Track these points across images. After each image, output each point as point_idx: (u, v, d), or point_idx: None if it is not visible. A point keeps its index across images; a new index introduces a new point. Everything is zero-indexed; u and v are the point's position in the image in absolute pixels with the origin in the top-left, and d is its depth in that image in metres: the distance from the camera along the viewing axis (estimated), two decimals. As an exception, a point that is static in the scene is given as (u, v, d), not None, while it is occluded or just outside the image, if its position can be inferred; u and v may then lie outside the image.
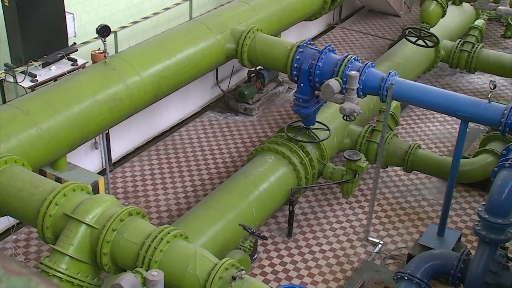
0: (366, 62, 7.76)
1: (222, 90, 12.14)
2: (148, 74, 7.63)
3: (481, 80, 12.95)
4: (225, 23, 8.72)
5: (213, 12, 9.25)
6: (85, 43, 8.37)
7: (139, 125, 10.14)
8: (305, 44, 8.06)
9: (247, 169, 8.28)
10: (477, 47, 11.93)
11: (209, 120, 11.54)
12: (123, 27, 8.86)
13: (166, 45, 8.13)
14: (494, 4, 9.69)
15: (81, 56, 8.19)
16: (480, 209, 6.14)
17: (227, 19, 8.84)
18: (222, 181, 9.31)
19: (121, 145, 10.01)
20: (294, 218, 8.68)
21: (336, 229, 8.86)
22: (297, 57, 7.96)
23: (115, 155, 10.01)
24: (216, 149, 10.71)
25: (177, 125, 11.25)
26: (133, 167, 10.06)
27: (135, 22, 9.11)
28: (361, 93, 7.65)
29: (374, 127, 9.23)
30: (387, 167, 9.59)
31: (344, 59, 7.70)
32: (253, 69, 11.73)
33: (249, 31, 8.55)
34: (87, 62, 8.14)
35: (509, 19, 10.62)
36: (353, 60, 7.72)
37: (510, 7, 9.65)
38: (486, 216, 6.03)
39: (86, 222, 5.19)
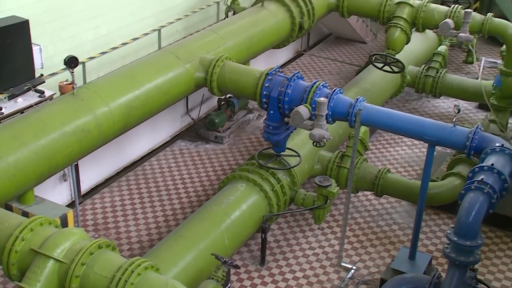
0: (335, 89, 7.87)
1: (192, 119, 12.14)
2: (117, 105, 7.58)
3: (446, 104, 13.24)
4: (194, 52, 8.76)
5: (181, 42, 9.30)
6: (52, 74, 8.31)
7: (109, 156, 10.04)
8: (273, 72, 8.14)
9: (218, 198, 8.25)
10: (441, 72, 12.23)
11: (179, 149, 11.50)
12: (91, 58, 8.83)
13: (135, 75, 8.12)
14: (455, 31, 9.95)
15: (49, 88, 8.12)
16: (449, 231, 6.21)
17: (196, 48, 8.89)
18: (194, 210, 9.24)
19: (90, 176, 9.88)
20: (267, 245, 8.65)
21: (309, 255, 8.85)
22: (266, 85, 8.03)
23: (85, 187, 9.87)
24: (187, 178, 10.65)
25: (147, 154, 11.18)
26: (103, 199, 9.92)
27: (103, 53, 9.09)
28: (330, 119, 7.74)
29: (344, 152, 9.32)
30: (358, 192, 9.67)
31: (313, 86, 7.80)
32: (223, 97, 11.78)
33: (218, 59, 8.61)
34: (55, 93, 8.06)
35: (469, 46, 10.93)
36: (322, 87, 7.82)
37: (470, 34, 9.93)
38: (455, 238, 6.10)
39: (54, 257, 5.08)
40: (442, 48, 12.87)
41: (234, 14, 11.02)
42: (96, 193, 10.03)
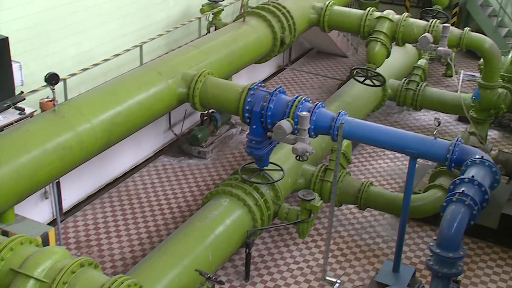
0: (316, 103, 7.91)
1: (175, 134, 12.12)
2: (99, 121, 7.54)
3: (427, 117, 13.39)
4: (176, 68, 8.77)
5: (163, 57, 9.30)
6: (33, 91, 8.24)
7: (91, 172, 9.96)
8: (256, 87, 8.17)
9: (202, 213, 8.22)
10: (421, 86, 12.38)
11: (162, 165, 11.45)
12: (72, 75, 8.79)
13: (117, 91, 8.09)
14: (434, 45, 10.09)
15: (29, 105, 8.06)
16: (431, 244, 6.25)
17: (177, 63, 8.90)
18: (177, 226, 9.19)
19: (72, 193, 9.79)
20: (251, 260, 8.62)
21: (294, 269, 8.83)
22: (249, 100, 8.05)
23: (66, 204, 9.77)
24: (170, 193, 10.60)
25: (130, 170, 11.11)
26: (86, 216, 9.83)
27: (85, 69, 9.05)
28: (313, 133, 7.77)
29: (327, 166, 9.36)
30: (341, 205, 9.70)
31: (295, 100, 7.84)
32: (205, 112, 11.79)
33: (200, 75, 8.63)
34: (35, 110, 8.00)
35: (448, 59, 11.08)
36: (304, 101, 7.86)
37: (448, 48, 10.07)
38: (438, 250, 6.14)
39: (35, 277, 5.00)
40: (422, 62, 13.05)
41: (215, 29, 11.08)
42: (78, 211, 9.94)
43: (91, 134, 7.41)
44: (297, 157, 7.72)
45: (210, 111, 11.93)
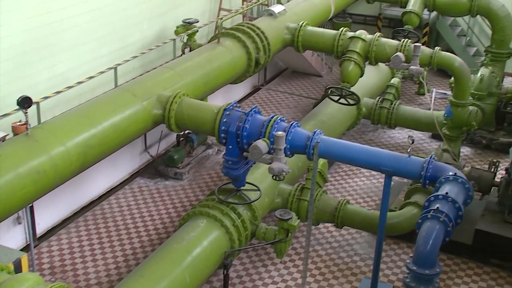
0: (292, 122, 7.96)
1: (151, 156, 12.05)
2: (73, 144, 7.46)
3: (401, 134, 13.56)
4: (150, 89, 8.75)
5: (138, 79, 9.28)
6: (5, 115, 8.14)
7: (65, 196, 9.83)
8: (231, 107, 8.19)
9: (179, 235, 8.15)
10: (395, 104, 12.56)
11: (139, 187, 11.36)
12: (45, 98, 8.71)
13: (91, 113, 8.03)
14: (406, 64, 10.26)
15: (1, 129, 7.95)
16: (408, 261, 6.29)
17: (152, 85, 8.89)
18: (155, 249, 9.09)
19: (46, 218, 9.64)
20: (229, 282, 8.55)
21: (272, 290, 8.80)
22: (224, 120, 8.07)
23: (40, 229, 9.61)
24: (147, 216, 10.51)
25: (106, 193, 11.00)
26: (60, 240, 9.67)
27: (58, 92, 8.98)
28: (289, 153, 7.80)
29: (304, 185, 9.39)
30: (318, 224, 9.72)
31: (270, 120, 7.87)
32: (181, 133, 11.77)
33: (175, 96, 8.62)
34: (8, 134, 7.89)
35: (420, 78, 11.27)
36: (279, 121, 7.90)
37: (420, 66, 10.25)
38: (414, 267, 6.17)
39: (7, 304, 4.90)
40: (395, 81, 13.26)
41: (190, 50, 11.11)
42: (53, 235, 9.78)
43: (65, 157, 7.33)
44: (274, 177, 7.73)
45: (186, 132, 11.92)
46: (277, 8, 11.87)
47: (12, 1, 8.59)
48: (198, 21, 11.65)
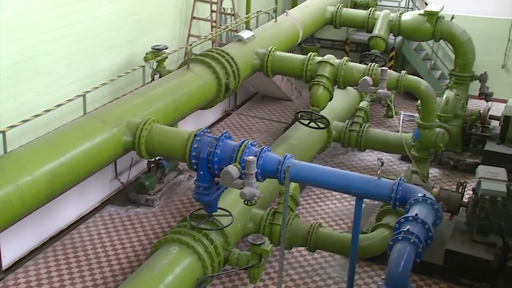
0: (263, 147, 7.99)
1: (121, 183, 11.93)
2: (41, 173, 7.34)
3: (371, 157, 13.72)
4: (120, 116, 8.71)
5: (107, 106, 9.23)
6: (-29, 145, 7.99)
7: (33, 226, 9.63)
8: (202, 133, 8.19)
9: (151, 263, 8.03)
10: (364, 127, 12.74)
11: (109, 215, 11.21)
12: (12, 126, 8.57)
13: (59, 141, 7.93)
14: (374, 87, 10.44)
15: (-34, 158, 7.77)
16: (380, 283, 6.32)
17: (122, 112, 8.85)
18: (126, 278, 8.94)
19: (13, 249, 9.41)
20: (203, 309, 8.44)
21: (246, 316, 8.71)
22: (195, 146, 8.06)
23: (7, 261, 9.36)
24: (118, 244, 10.35)
25: (75, 222, 10.82)
26: (28, 273, 9.43)
27: (25, 121, 8.85)
28: (260, 177, 7.82)
29: (276, 209, 9.39)
30: (291, 248, 9.70)
31: (241, 145, 7.89)
32: (152, 159, 11.69)
33: (145, 122, 8.59)
34: (-27, 164, 7.71)
35: (388, 101, 11.48)
36: (250, 145, 7.93)
37: (387, 90, 10.44)
38: (387, 289, 6.21)
39: None
40: (364, 104, 13.47)
41: (160, 77, 11.11)
42: (20, 267, 9.53)
43: (32, 186, 7.20)
44: (246, 202, 7.72)
45: (157, 158, 11.84)
46: (246, 34, 12.00)
47: (-23, 30, 8.50)
48: (167, 48, 11.68)
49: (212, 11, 13.71)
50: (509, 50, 16.64)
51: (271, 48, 11.71)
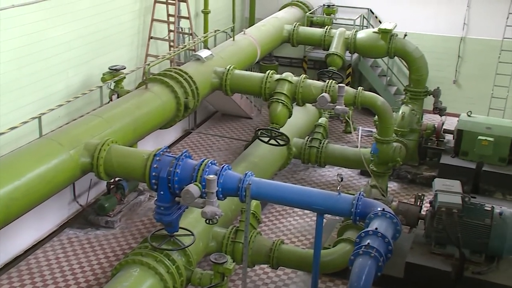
0: (223, 165, 7.99)
1: (80, 205, 11.71)
2: (-4, 198, 7.15)
3: (331, 172, 13.87)
4: (77, 138, 8.58)
5: (64, 128, 9.08)
6: None
7: (-12, 252, 9.33)
8: (161, 152, 8.14)
9: (111, 285, 7.89)
10: (323, 143, 12.89)
11: (68, 238, 10.96)
12: (-37, 150, 8.36)
13: (14, 165, 7.75)
14: (332, 104, 10.60)
15: None
16: (343, 298, 6.37)
17: (79, 133, 8.72)
18: (86, 303, 8.74)
19: (-34, 277, 9.09)
20: (166, 331, 8.30)
21: (210, 337, 8.60)
22: (155, 166, 8.00)
23: (-40, 289, 9.04)
24: (77, 268, 10.12)
25: (32, 247, 10.53)
26: (-17, 300, 9.12)
27: (-22, 144, 8.64)
28: (221, 196, 7.80)
29: (238, 227, 9.37)
30: (254, 266, 9.67)
31: (201, 164, 7.87)
32: (112, 180, 11.53)
33: (104, 143, 8.49)
34: None
35: (346, 117, 11.67)
36: (210, 164, 7.92)
37: (345, 106, 10.61)
38: (349, 304, 6.25)
39: None
40: (323, 120, 13.65)
41: (118, 97, 11.01)
42: (-26, 295, 9.22)
43: (-13, 211, 7.00)
44: (207, 221, 7.68)
45: (117, 179, 11.69)
46: (204, 53, 12.04)
47: None
48: (125, 68, 11.60)
49: (169, 31, 13.72)
50: (460, 66, 17.19)
51: (230, 67, 11.77)
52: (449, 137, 13.82)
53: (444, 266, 9.12)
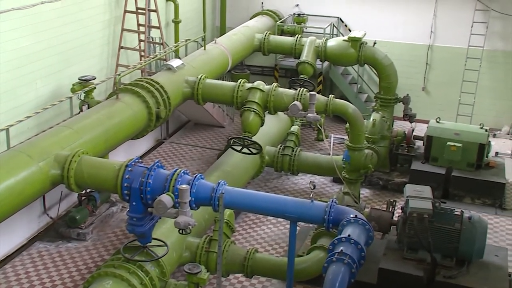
0: (196, 175, 7.97)
1: (51, 218, 11.52)
2: (-38, 211, 7.00)
3: (304, 180, 13.93)
4: (47, 150, 8.46)
5: (33, 140, 8.94)
6: None
7: (-45, 268, 9.10)
8: (133, 163, 8.08)
9: (83, 300, 7.78)
10: (296, 151, 12.95)
11: (38, 252, 10.76)
12: None
13: (-19, 178, 7.60)
14: (303, 112, 10.66)
15: None
16: (317, 305, 6.39)
17: (49, 145, 8.60)
18: (57, 317, 8.59)
19: None
20: None
21: None
22: (127, 176, 7.93)
23: None
24: (48, 282, 9.94)
25: (1, 262, 10.30)
26: (-50, 317, 8.88)
27: None
28: (194, 205, 7.78)
29: (211, 236, 9.33)
30: (228, 275, 9.65)
31: (174, 174, 7.84)
32: (83, 192, 11.38)
33: (74, 155, 8.39)
34: None
35: (318, 125, 11.76)
36: (183, 174, 7.89)
37: (317, 114, 10.68)
38: (323, 311, 6.28)
39: None
40: (295, 128, 13.72)
41: (88, 108, 10.89)
42: None
43: (-47, 226, 6.84)
44: (180, 231, 7.64)
45: (88, 190, 11.54)
46: (175, 63, 12.01)
47: None
48: (95, 78, 11.49)
49: (140, 41, 13.65)
50: (428, 73, 17.51)
51: (201, 76, 11.76)
52: (419, 143, 14.04)
53: (416, 271, 9.22)
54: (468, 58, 16.55)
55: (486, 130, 13.17)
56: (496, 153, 14.51)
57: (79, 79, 11.27)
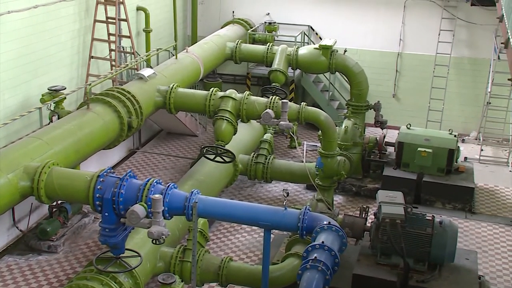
0: (169, 184, 7.92)
1: (20, 230, 11.30)
2: None
3: (278, 188, 13.97)
4: (16, 161, 8.31)
5: (1, 151, 8.76)
6: None
7: None
8: (105, 173, 8.00)
9: (55, 314, 7.65)
10: (269, 159, 12.99)
11: (7, 266, 10.54)
12: None
13: (-51, 191, 7.43)
14: (276, 120, 10.71)
15: None
16: (292, 312, 6.39)
17: (18, 156, 8.46)
18: (28, 332, 8.41)
19: None
20: None
21: None
22: (98, 187, 7.85)
23: None
24: (18, 296, 9.74)
25: (-31, 276, 10.07)
26: None
27: None
28: (167, 215, 7.73)
29: (186, 246, 9.28)
30: (203, 285, 9.58)
31: (146, 184, 7.79)
32: (54, 203, 11.21)
33: (44, 166, 8.27)
34: None
35: (290, 132, 11.81)
36: (155, 183, 7.84)
37: (289, 121, 10.74)
38: (299, 318, 6.28)
39: None
40: (268, 136, 13.76)
41: (58, 118, 10.74)
42: None
43: None
44: (154, 241, 7.58)
45: (59, 202, 11.37)
46: (146, 72, 11.95)
47: None
48: (65, 88, 11.35)
49: (111, 50, 13.54)
50: (398, 80, 17.76)
51: (173, 85, 11.72)
52: (390, 149, 14.20)
53: (390, 276, 9.30)
54: (436, 65, 16.86)
55: (455, 136, 13.41)
56: (465, 158, 14.79)
57: (48, 89, 11.12)
